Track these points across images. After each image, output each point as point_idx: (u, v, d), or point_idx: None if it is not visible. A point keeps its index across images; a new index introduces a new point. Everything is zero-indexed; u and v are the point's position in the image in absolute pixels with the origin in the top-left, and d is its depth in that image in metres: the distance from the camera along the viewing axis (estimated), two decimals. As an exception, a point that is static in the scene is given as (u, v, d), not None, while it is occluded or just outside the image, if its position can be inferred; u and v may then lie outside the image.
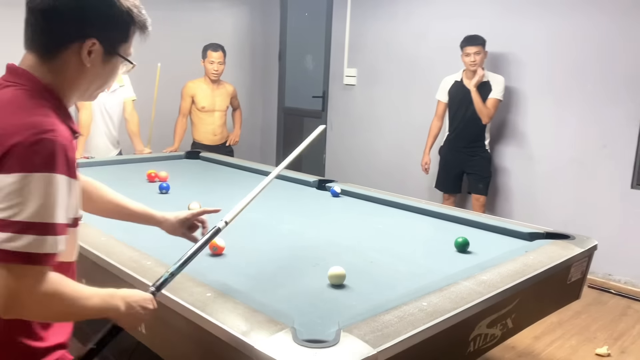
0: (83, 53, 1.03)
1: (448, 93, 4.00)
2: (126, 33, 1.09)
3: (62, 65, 1.04)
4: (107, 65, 1.08)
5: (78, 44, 1.02)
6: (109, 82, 1.13)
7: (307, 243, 2.14)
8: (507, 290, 1.64)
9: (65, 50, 1.03)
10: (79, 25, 1.02)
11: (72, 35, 1.02)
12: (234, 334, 1.27)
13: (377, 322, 1.35)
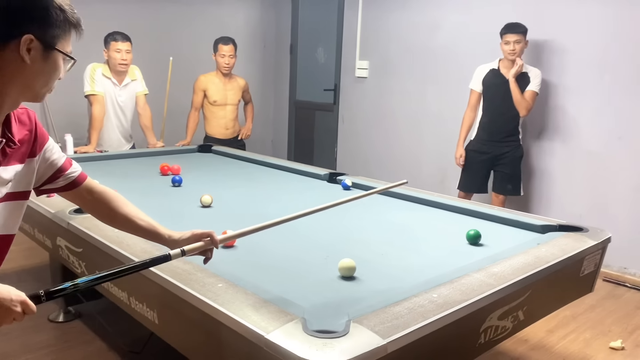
0: (22, 50, 1.04)
1: (482, 82, 3.78)
2: (62, 29, 1.10)
3: (2, 65, 1.06)
4: (47, 61, 1.10)
5: (15, 42, 1.04)
6: (53, 79, 1.14)
7: (317, 236, 2.14)
8: (519, 283, 1.63)
9: (3, 50, 1.05)
10: (14, 22, 1.04)
11: (8, 34, 1.04)
12: (245, 324, 1.28)
13: (387, 314, 1.35)
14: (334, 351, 1.17)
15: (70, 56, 1.14)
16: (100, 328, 2.74)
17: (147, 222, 1.44)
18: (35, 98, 1.16)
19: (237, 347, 1.33)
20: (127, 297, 1.78)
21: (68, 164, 1.35)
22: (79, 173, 1.38)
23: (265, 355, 1.22)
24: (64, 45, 1.12)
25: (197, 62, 4.68)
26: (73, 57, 1.15)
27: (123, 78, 3.80)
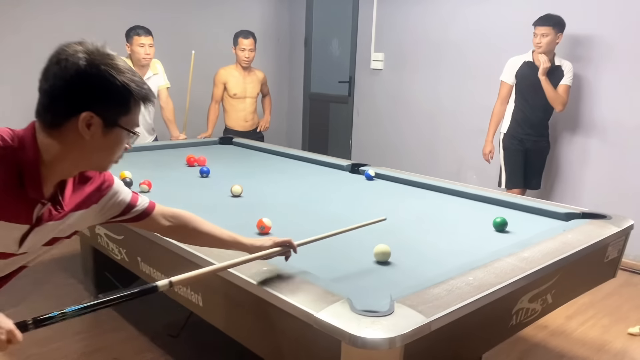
0: (81, 126, 1.07)
1: (516, 75, 3.66)
2: (125, 106, 1.11)
3: (63, 137, 1.09)
4: (108, 137, 1.11)
5: (76, 118, 1.07)
6: (114, 153, 1.16)
7: (347, 223, 2.20)
8: (548, 267, 1.70)
9: (66, 123, 1.08)
10: (76, 100, 1.06)
11: (70, 111, 1.07)
12: (294, 304, 1.35)
13: (427, 295, 1.42)
14: (382, 328, 1.24)
15: (132, 131, 1.15)
16: (132, 313, 2.83)
17: (227, 234, 1.53)
18: (98, 169, 1.22)
19: (286, 326, 1.41)
20: (170, 282, 1.85)
21: (134, 201, 1.39)
22: (147, 205, 1.42)
23: (315, 333, 1.30)
24: (128, 119, 1.13)
25: (215, 56, 4.75)
26: (136, 132, 1.16)
27: (145, 72, 3.87)
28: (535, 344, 2.76)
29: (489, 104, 4.42)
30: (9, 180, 1.06)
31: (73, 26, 4.48)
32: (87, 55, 1.07)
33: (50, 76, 1.07)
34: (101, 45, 1.10)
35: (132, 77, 1.10)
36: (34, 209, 1.13)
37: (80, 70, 1.05)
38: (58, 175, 1.15)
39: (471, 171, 4.62)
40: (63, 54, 1.07)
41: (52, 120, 1.08)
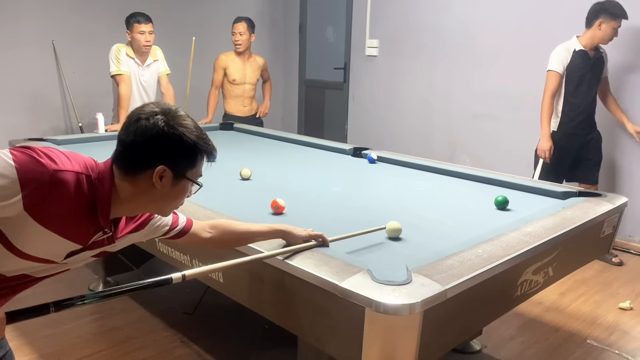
0: (155, 177, 1.19)
1: (568, 65, 3.45)
2: (193, 161, 1.23)
3: (136, 182, 1.21)
4: (175, 187, 1.23)
5: (151, 170, 1.19)
6: (179, 201, 1.29)
7: (356, 204, 2.30)
8: (551, 241, 1.80)
9: (140, 173, 1.20)
10: (153, 156, 1.19)
11: (146, 164, 1.19)
12: (318, 275, 1.44)
13: (441, 265, 1.52)
14: (402, 295, 1.33)
15: (198, 183, 1.28)
16: (144, 293, 2.90)
17: (265, 227, 1.66)
18: (161, 214, 1.36)
19: (310, 297, 1.49)
20: (190, 260, 1.93)
21: (175, 222, 1.51)
22: (185, 223, 1.54)
23: (340, 302, 1.38)
24: (194, 172, 1.25)
25: (214, 43, 4.79)
26: (200, 184, 1.29)
27: (146, 58, 3.91)
28: (532, 319, 2.89)
29: (482, 89, 4.54)
30: (84, 204, 1.17)
31: (70, 15, 4.49)
32: (164, 117, 1.19)
33: (131, 132, 1.19)
34: (175, 108, 1.23)
35: (200, 135, 1.23)
36: (94, 235, 1.24)
37: (160, 130, 1.18)
38: (124, 212, 1.28)
39: (464, 155, 4.73)
40: (142, 114, 1.20)
41: (129, 169, 1.20)
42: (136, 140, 1.19)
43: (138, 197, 1.23)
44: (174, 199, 1.27)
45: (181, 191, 1.26)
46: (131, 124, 1.20)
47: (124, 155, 1.21)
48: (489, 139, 4.56)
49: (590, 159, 3.60)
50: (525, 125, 4.31)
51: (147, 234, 1.44)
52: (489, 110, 4.53)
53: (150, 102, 1.25)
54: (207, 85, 4.41)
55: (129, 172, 1.21)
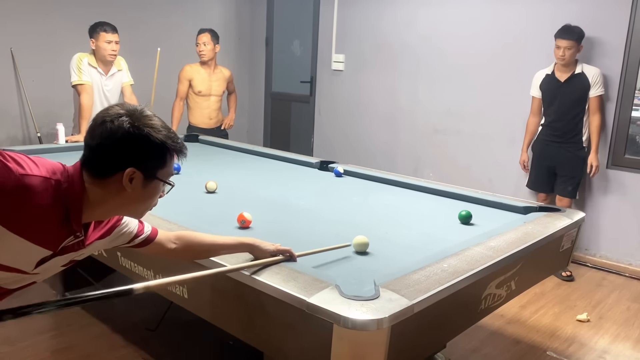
0: (125, 180, 1.18)
1: (540, 87, 3.83)
2: (163, 160, 1.22)
3: (106, 186, 1.19)
4: (147, 188, 1.22)
5: (120, 173, 1.18)
6: (151, 202, 1.27)
7: (323, 217, 2.30)
8: (513, 255, 1.84)
9: (109, 177, 1.19)
10: (121, 159, 1.17)
11: (115, 167, 1.18)
12: (286, 291, 1.43)
13: (408, 280, 1.53)
14: (370, 311, 1.33)
15: (169, 182, 1.27)
16: (104, 309, 2.82)
17: (231, 239, 1.65)
18: (133, 216, 1.33)
19: (277, 312, 1.48)
20: (153, 275, 1.89)
21: (140, 230, 1.49)
22: (150, 232, 1.51)
23: (307, 317, 1.38)
24: (164, 172, 1.24)
25: (178, 54, 4.75)
26: (172, 183, 1.28)
27: (109, 68, 3.84)
28: (494, 332, 2.93)
29: (444, 105, 4.64)
30: (54, 209, 1.14)
31: (30, 22, 4.38)
32: (130, 118, 1.18)
33: (96, 135, 1.18)
34: (141, 108, 1.22)
35: (168, 134, 1.22)
36: (64, 240, 1.21)
37: (126, 132, 1.16)
38: (96, 216, 1.25)
39: (428, 169, 4.81)
40: (107, 116, 1.18)
41: (98, 173, 1.19)
42: (102, 144, 1.17)
43: (109, 200, 1.21)
44: (146, 201, 1.25)
45: (153, 192, 1.24)
46: (96, 127, 1.18)
47: (91, 160, 1.19)
48: (451, 153, 4.66)
49: (565, 174, 3.79)
50: (486, 141, 4.42)
51: (113, 240, 1.42)
52: (451, 125, 4.63)
53: (115, 104, 1.23)
54: (171, 96, 4.36)
55: (98, 176, 1.18)
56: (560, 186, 3.83)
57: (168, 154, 1.23)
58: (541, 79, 3.83)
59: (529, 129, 3.96)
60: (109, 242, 1.40)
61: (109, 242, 1.41)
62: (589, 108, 3.71)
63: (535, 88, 3.87)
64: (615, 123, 3.80)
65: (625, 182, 3.82)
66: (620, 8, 3.68)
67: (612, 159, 3.84)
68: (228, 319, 1.69)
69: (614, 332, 3.00)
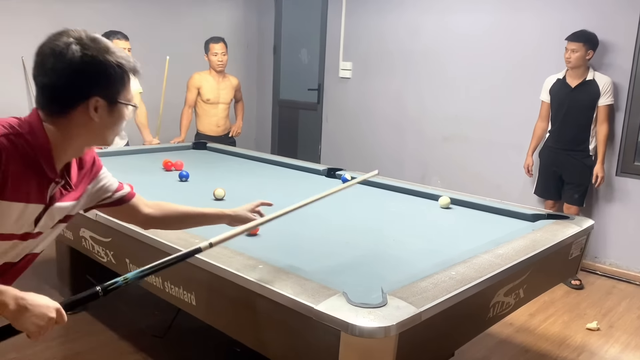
0: (90, 111, 1.15)
1: (550, 92, 3.79)
2: (122, 83, 1.19)
3: (70, 123, 1.16)
4: (113, 114, 1.20)
5: (84, 104, 1.14)
6: (119, 127, 1.25)
7: (332, 224, 2.30)
8: (521, 263, 1.83)
9: (73, 111, 1.15)
10: (80, 89, 1.14)
11: (76, 100, 1.14)
12: (294, 298, 1.43)
13: (415, 288, 1.52)
14: (378, 318, 1.33)
15: (133, 105, 1.25)
16: (111, 316, 2.82)
17: (209, 209, 1.65)
18: (104, 144, 1.28)
19: (285, 319, 1.48)
20: (161, 282, 1.90)
21: (120, 186, 1.47)
22: (129, 191, 1.50)
23: (315, 325, 1.38)
24: (125, 94, 1.22)
25: (186, 62, 4.78)
26: (135, 105, 1.26)
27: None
28: (503, 340, 2.91)
29: (452, 112, 4.63)
30: (25, 162, 1.12)
31: (40, 32, 4.42)
32: (81, 46, 1.13)
33: (48, 70, 1.13)
34: (85, 32, 1.17)
35: (121, 55, 1.19)
36: (47, 188, 1.19)
37: (79, 61, 1.12)
38: (69, 155, 1.22)
39: (435, 176, 4.80)
40: (56, 48, 1.12)
41: (59, 110, 1.15)
42: (56, 78, 1.12)
43: (78, 135, 1.18)
44: (114, 127, 1.23)
45: (119, 117, 1.22)
46: (46, 61, 1.13)
47: (48, 99, 1.15)
48: (459, 160, 4.65)
49: (572, 182, 3.76)
50: (494, 148, 4.41)
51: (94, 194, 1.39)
52: (458, 132, 4.62)
53: (59, 32, 1.17)
54: (180, 104, 4.39)
55: (60, 114, 1.15)
56: (567, 194, 3.80)
57: (125, 75, 1.20)
58: (551, 84, 3.81)
59: (536, 133, 3.94)
60: (91, 194, 1.37)
61: (92, 195, 1.38)
62: (597, 117, 3.68)
63: (545, 92, 3.85)
64: (625, 130, 3.78)
65: (635, 190, 3.79)
66: (629, 16, 3.68)
67: (621, 166, 3.82)
68: (235, 325, 1.69)
69: (624, 340, 2.97)
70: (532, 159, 3.99)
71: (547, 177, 3.90)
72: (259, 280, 1.54)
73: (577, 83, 3.68)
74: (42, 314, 1.11)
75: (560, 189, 3.85)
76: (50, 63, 1.12)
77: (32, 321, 1.11)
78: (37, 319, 1.11)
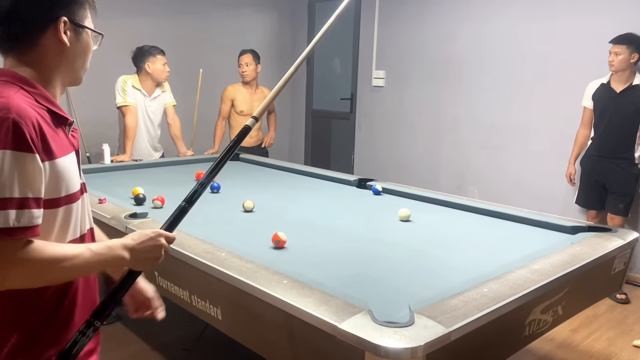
0: (60, 34, 1.07)
1: (593, 97, 3.64)
2: (86, 8, 1.13)
3: (42, 53, 1.08)
4: (81, 41, 1.13)
5: (52, 27, 1.07)
6: (88, 58, 1.18)
7: (359, 237, 2.26)
8: (559, 279, 1.74)
9: (42, 37, 1.07)
10: (48, 7, 1.07)
11: (45, 19, 1.06)
12: (317, 315, 1.39)
13: (445, 306, 1.46)
14: (404, 338, 1.28)
15: (99, 32, 1.17)
16: (142, 327, 2.85)
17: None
18: (76, 81, 1.20)
19: (309, 337, 1.44)
20: (189, 296, 1.89)
21: None
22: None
23: (339, 344, 1.33)
24: (89, 21, 1.15)
25: (220, 74, 4.83)
26: (101, 33, 1.17)
27: (153, 90, 3.94)
28: (542, 357, 2.79)
29: (489, 119, 4.52)
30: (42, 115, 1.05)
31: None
32: None
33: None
34: None
35: None
36: (67, 134, 1.14)
37: None
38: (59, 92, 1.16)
39: (472, 186, 4.68)
40: None
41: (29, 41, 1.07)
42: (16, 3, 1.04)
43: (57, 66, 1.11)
44: (83, 57, 1.16)
45: (88, 45, 1.15)
46: None
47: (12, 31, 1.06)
48: (496, 170, 4.52)
49: (616, 191, 3.61)
50: (534, 157, 4.28)
51: None
52: (496, 140, 4.50)
53: None
54: (213, 116, 4.43)
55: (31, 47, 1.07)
56: (611, 204, 3.64)
57: (87, 3, 1.14)
58: (595, 89, 3.66)
59: (578, 140, 3.80)
60: None
61: None
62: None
63: (588, 98, 3.70)
64: (673, 136, 3.60)
65: (685, 199, 3.60)
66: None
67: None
68: (260, 341, 1.66)
69: (675, 360, 2.80)
70: (575, 168, 3.84)
71: (589, 187, 3.74)
72: (282, 296, 1.50)
73: (623, 88, 3.53)
74: (152, 247, 1.13)
75: (604, 199, 3.69)
76: None
77: (147, 258, 1.13)
78: (150, 254, 1.13)
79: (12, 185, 0.95)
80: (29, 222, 0.97)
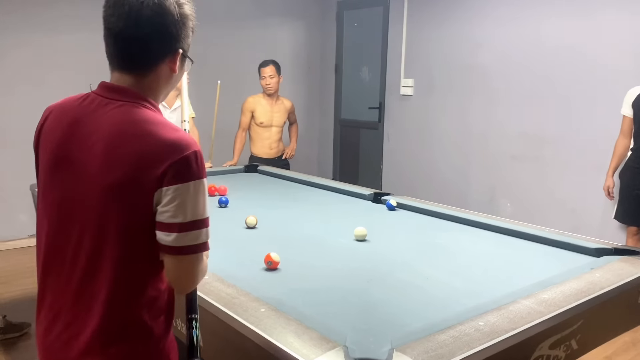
0: (177, 64, 1.16)
1: (632, 106, 3.44)
2: (191, 37, 1.21)
3: (156, 78, 1.16)
4: (182, 67, 1.21)
5: (170, 57, 1.15)
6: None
7: (361, 258, 2.13)
8: (571, 310, 1.57)
9: (161, 64, 1.15)
10: (173, 43, 1.14)
11: (167, 52, 1.14)
12: (286, 350, 1.28)
13: (431, 342, 1.32)
14: (375, 381, 1.15)
15: (191, 59, 1.24)
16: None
17: None
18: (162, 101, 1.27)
19: (280, 373, 1.33)
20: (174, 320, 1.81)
21: None
22: None
23: (307, 383, 1.22)
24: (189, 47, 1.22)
25: (243, 84, 4.79)
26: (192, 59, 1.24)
27: (174, 101, 3.93)
28: (570, 388, 2.57)
29: (521, 129, 4.29)
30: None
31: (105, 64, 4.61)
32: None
33: (143, 23, 1.09)
34: None
35: (189, 6, 1.18)
36: None
37: (176, 12, 1.12)
38: None
39: (504, 199, 4.46)
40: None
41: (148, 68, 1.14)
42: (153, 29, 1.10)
43: (162, 90, 1.20)
44: (177, 80, 1.23)
45: (182, 71, 1.22)
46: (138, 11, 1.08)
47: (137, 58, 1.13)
48: (529, 182, 4.29)
49: None
50: (569, 168, 4.03)
51: None
52: (528, 151, 4.28)
53: None
54: (232, 127, 4.39)
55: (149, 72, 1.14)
56: None
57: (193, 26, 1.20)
58: (635, 96, 3.43)
59: (617, 151, 3.57)
60: None
61: None
62: None
63: (627, 106, 3.48)
64: None
65: None
66: None
67: None
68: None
69: None
70: (613, 180, 3.59)
71: (629, 200, 3.48)
72: (254, 326, 1.40)
73: None
74: None
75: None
76: (146, 14, 1.08)
77: None
78: None
79: (205, 207, 1.13)
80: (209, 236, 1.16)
